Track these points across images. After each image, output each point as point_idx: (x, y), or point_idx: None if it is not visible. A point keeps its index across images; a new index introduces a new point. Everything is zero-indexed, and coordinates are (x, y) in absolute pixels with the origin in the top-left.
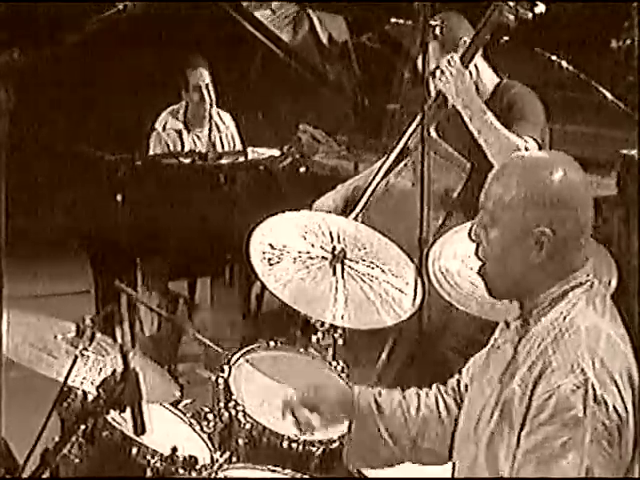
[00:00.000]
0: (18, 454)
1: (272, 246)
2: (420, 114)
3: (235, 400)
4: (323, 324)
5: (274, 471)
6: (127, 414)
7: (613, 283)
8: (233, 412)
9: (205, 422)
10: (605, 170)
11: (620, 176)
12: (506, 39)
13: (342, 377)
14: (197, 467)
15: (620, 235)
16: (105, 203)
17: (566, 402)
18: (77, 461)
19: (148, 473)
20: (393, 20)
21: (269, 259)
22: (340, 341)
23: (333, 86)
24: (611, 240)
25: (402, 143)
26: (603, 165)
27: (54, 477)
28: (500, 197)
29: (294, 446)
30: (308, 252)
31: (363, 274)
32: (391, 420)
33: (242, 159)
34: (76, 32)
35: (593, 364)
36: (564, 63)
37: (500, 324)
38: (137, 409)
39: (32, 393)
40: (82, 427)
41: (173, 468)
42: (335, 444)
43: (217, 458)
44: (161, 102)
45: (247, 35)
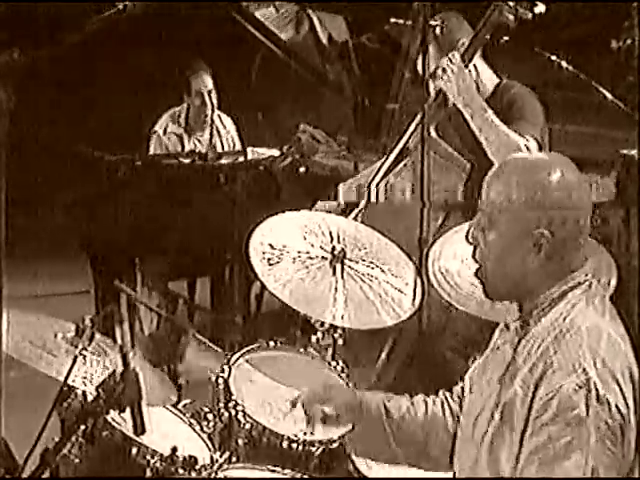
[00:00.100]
0: (18, 454)
1: (272, 246)
2: (420, 114)
3: (235, 400)
4: (323, 324)
5: (274, 471)
6: (127, 414)
7: (613, 283)
8: (233, 412)
9: (205, 422)
10: (605, 170)
11: (620, 176)
12: (506, 39)
13: (342, 377)
14: (197, 467)
15: (620, 235)
16: (105, 203)
17: (569, 402)
18: (77, 461)
19: (148, 473)
20: (393, 20)
21: (269, 259)
22: (340, 341)
23: (333, 86)
24: (611, 240)
25: (402, 143)
26: (603, 165)
27: (54, 477)
28: (497, 199)
29: (294, 446)
30: (308, 252)
31: (363, 274)
32: (399, 426)
33: (242, 159)
34: (76, 32)
35: (595, 364)
36: (564, 63)
37: (500, 325)
38: (137, 409)
39: (32, 393)
40: (82, 427)
41: (173, 468)
42: (335, 444)
43: (217, 458)
44: (161, 102)
45: (247, 35)
